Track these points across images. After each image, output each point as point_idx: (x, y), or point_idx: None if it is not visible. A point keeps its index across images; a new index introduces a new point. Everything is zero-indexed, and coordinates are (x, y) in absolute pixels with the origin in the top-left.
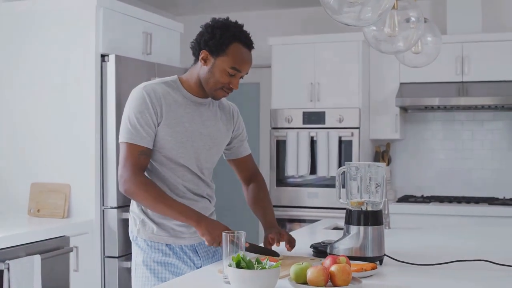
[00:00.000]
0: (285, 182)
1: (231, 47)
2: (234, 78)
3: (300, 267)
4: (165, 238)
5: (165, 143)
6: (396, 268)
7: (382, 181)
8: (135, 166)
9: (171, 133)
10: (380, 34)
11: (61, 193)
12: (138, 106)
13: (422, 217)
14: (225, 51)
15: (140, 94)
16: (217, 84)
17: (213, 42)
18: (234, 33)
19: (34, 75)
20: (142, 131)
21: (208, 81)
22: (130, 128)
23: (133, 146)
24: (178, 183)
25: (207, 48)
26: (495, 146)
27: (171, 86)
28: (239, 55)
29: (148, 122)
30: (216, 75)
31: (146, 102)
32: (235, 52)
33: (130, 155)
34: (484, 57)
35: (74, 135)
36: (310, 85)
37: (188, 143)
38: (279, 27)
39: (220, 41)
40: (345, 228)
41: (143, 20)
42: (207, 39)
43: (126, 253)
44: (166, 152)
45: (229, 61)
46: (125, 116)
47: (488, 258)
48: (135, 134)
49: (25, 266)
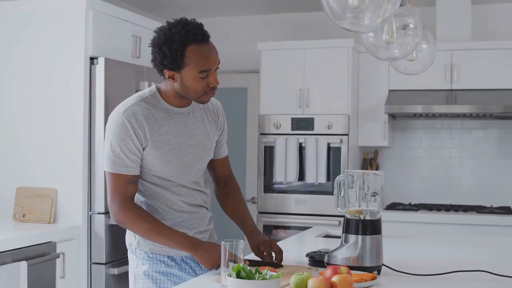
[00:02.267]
0: (272, 188)
1: (186, 55)
2: (209, 77)
3: (301, 278)
4: (166, 250)
5: (154, 165)
6: (395, 278)
7: (381, 189)
8: (124, 197)
9: (158, 155)
10: (378, 40)
11: (47, 198)
12: (120, 133)
13: (410, 224)
14: (183, 62)
15: (120, 121)
16: (197, 93)
17: (167, 60)
18: (181, 40)
19: (21, 77)
20: (126, 160)
21: (187, 93)
22: (114, 157)
23: (119, 176)
24: (174, 198)
25: (167, 67)
26: (483, 154)
27: (151, 103)
28: (200, 56)
29: (132, 149)
30: (191, 85)
31: (128, 129)
32: (194, 56)
33: (117, 185)
34: (473, 65)
35: (62, 139)
36: (299, 91)
37: (178, 161)
38: (268, 32)
39: (173, 56)
40: (343, 237)
41: (132, 23)
42: (161, 59)
43: (113, 260)
44: (157, 173)
45: (194, 68)
46: (108, 144)
47: (484, 267)
48: (120, 164)
49: (11, 273)
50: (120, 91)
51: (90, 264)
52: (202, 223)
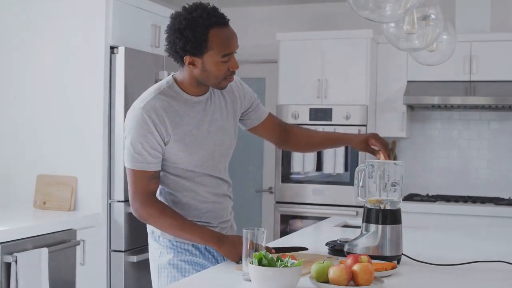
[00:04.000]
0: (289, 178)
1: (210, 39)
2: (230, 61)
3: (322, 266)
4: None
5: (178, 158)
6: (415, 268)
7: (401, 179)
8: (146, 193)
9: (181, 147)
10: (399, 31)
11: (67, 185)
12: (140, 130)
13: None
14: (207, 46)
15: (140, 117)
16: (218, 78)
17: (191, 45)
18: (204, 24)
19: (42, 66)
20: (148, 156)
21: (207, 79)
22: (135, 154)
23: (141, 172)
24: (199, 189)
25: (188, 53)
26: (501, 146)
27: (169, 95)
28: (222, 40)
29: (154, 145)
30: (213, 70)
31: (148, 124)
32: (217, 40)
33: (139, 182)
34: (492, 56)
35: (82, 127)
36: (318, 81)
37: (201, 150)
38: (287, 23)
39: (196, 41)
40: (363, 227)
41: (152, 13)
42: (183, 45)
43: (133, 247)
44: (181, 165)
45: (217, 52)
46: (128, 141)
47: (502, 258)
48: (141, 160)
49: (32, 259)
50: (139, 80)
51: (110, 252)
52: (225, 213)
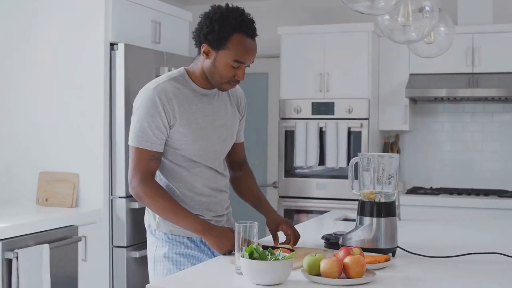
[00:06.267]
0: (293, 172)
1: (231, 40)
2: (239, 70)
3: (314, 259)
4: (186, 231)
5: (181, 144)
6: (409, 260)
7: (395, 172)
8: (145, 172)
9: (186, 133)
10: (394, 23)
11: (69, 182)
12: (149, 109)
13: (431, 209)
14: (225, 45)
15: (151, 97)
16: (222, 79)
17: (212, 36)
18: (234, 25)
19: (42, 63)
20: (152, 136)
21: (212, 75)
22: (140, 132)
23: (143, 151)
24: (196, 181)
25: (207, 42)
26: (504, 138)
27: (180, 82)
28: (241, 47)
29: (159, 126)
30: (220, 69)
31: (157, 105)
32: (237, 44)
33: (140, 160)
34: (494, 48)
35: (83, 124)
36: (320, 75)
37: (204, 140)
38: (288, 17)
39: (220, 35)
40: (357, 220)
41: (152, 9)
42: (206, 32)
43: (135, 243)
44: (183, 152)
45: (231, 55)
46: (135, 119)
47: (501, 250)
48: (145, 139)
49: (33, 255)
50: (140, 77)
51: (112, 248)
52: (220, 207)
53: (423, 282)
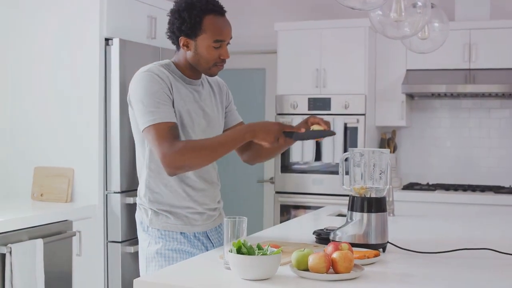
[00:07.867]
0: (290, 168)
1: (204, 23)
2: (221, 49)
3: (302, 254)
4: (179, 227)
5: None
6: (400, 256)
7: (386, 167)
8: (171, 139)
9: (178, 116)
10: (386, 19)
11: (64, 177)
12: (151, 87)
13: (427, 204)
14: (201, 29)
15: (150, 76)
16: (208, 62)
17: (186, 26)
18: (202, 8)
19: (36, 58)
20: (164, 107)
21: (198, 62)
22: (151, 109)
23: (161, 125)
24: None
25: (183, 34)
26: (502, 134)
27: (169, 69)
28: (217, 26)
29: (166, 99)
30: (204, 54)
31: (158, 81)
32: (211, 25)
33: (161, 134)
34: (491, 44)
35: (78, 119)
36: (316, 71)
37: (195, 126)
38: (285, 13)
39: (192, 22)
40: (348, 215)
41: (147, 4)
42: (179, 25)
43: (129, 238)
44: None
45: (210, 36)
46: (140, 102)
47: (493, 247)
48: (159, 113)
49: (27, 250)
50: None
51: (107, 243)
52: (213, 200)
53: (411, 277)
